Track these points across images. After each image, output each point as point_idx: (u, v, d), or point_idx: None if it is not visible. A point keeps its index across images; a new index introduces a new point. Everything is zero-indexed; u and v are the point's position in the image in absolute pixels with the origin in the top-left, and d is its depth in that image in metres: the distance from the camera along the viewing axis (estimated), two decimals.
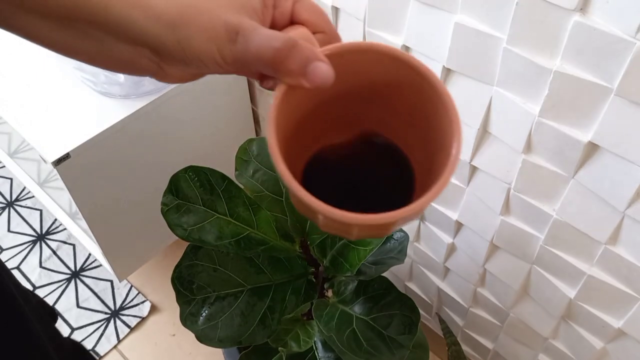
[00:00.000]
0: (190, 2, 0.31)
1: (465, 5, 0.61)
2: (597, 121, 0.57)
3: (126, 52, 0.32)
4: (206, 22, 0.31)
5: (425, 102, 0.32)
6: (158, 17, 0.31)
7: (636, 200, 0.60)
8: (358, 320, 0.68)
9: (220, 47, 0.31)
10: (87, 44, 0.32)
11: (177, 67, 0.33)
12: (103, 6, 0.30)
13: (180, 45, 0.31)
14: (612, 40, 0.51)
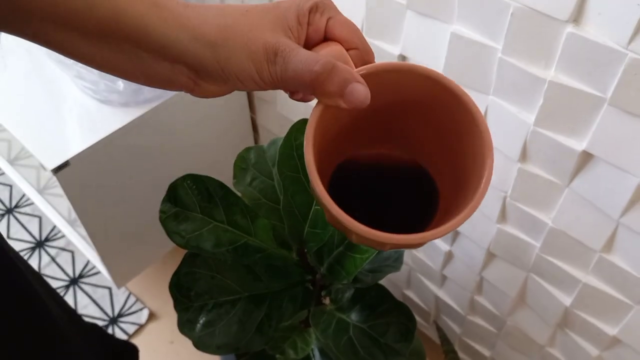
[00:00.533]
0: (229, 22, 0.32)
1: (461, 16, 0.62)
2: (591, 130, 0.58)
3: (164, 69, 0.33)
4: (245, 42, 0.32)
5: (458, 124, 0.33)
6: (198, 37, 0.31)
7: (630, 208, 0.60)
8: (355, 327, 0.68)
9: (259, 67, 0.32)
10: (125, 60, 0.33)
11: (213, 84, 0.34)
12: (144, 26, 0.31)
13: (219, 65, 0.32)
14: (605, 51, 0.52)
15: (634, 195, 0.59)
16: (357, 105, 0.31)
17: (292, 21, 0.33)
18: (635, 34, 0.49)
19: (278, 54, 0.32)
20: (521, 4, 0.55)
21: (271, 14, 0.33)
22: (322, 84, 0.31)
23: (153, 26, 0.31)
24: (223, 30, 0.32)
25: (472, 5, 0.60)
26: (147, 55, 0.32)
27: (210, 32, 0.32)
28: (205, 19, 0.32)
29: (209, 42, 0.31)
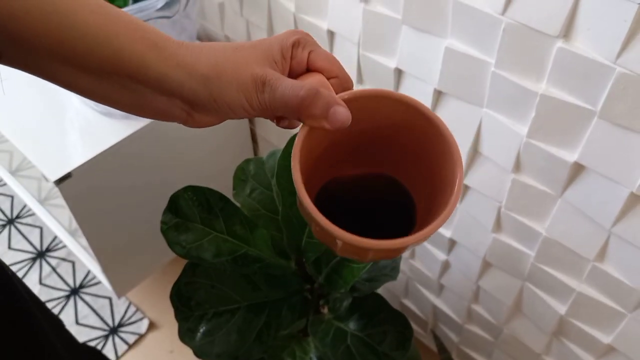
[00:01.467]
0: (220, 59, 0.35)
1: (455, 31, 0.64)
2: (582, 142, 0.59)
3: (161, 103, 0.36)
4: (235, 76, 0.35)
5: (431, 142, 0.36)
6: (192, 74, 0.34)
7: (621, 218, 0.61)
8: (352, 336, 0.69)
9: (248, 96, 0.35)
10: (124, 95, 0.35)
11: (206, 115, 0.37)
12: (143, 64, 0.34)
13: (212, 97, 0.35)
14: (594, 65, 0.53)
15: (625, 206, 0.60)
16: (339, 125, 0.34)
17: (277, 55, 0.36)
18: (623, 49, 0.51)
19: (266, 83, 0.35)
20: (513, 20, 0.57)
21: (258, 50, 0.36)
22: (308, 107, 0.34)
23: (152, 64, 0.34)
24: (215, 67, 0.35)
25: (465, 20, 0.61)
26: (145, 90, 0.35)
27: (204, 69, 0.35)
28: (198, 57, 0.35)
29: (203, 77, 0.34)
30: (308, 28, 0.84)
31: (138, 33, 0.34)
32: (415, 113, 0.36)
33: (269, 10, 0.90)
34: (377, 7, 0.71)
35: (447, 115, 0.73)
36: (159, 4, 0.75)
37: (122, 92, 0.35)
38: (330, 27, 0.80)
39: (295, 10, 0.84)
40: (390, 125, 0.37)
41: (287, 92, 0.34)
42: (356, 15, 0.74)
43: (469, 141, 0.72)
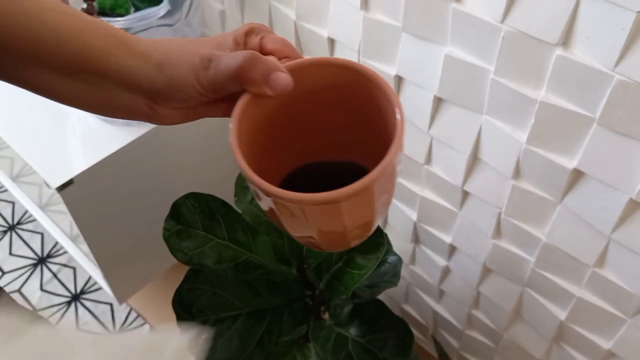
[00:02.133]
0: (173, 46, 0.37)
1: (455, 38, 0.64)
2: (582, 149, 0.60)
3: (126, 99, 0.37)
4: (186, 58, 0.36)
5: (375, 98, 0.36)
6: (148, 61, 0.36)
7: (620, 225, 0.62)
8: (354, 342, 0.70)
9: (197, 75, 0.36)
10: (91, 93, 0.37)
11: (166, 106, 0.38)
12: (107, 57, 0.36)
13: (165, 81, 0.36)
14: (593, 72, 0.54)
15: (624, 212, 0.60)
16: (280, 90, 0.35)
17: (230, 43, 0.38)
18: (622, 57, 0.51)
19: (211, 60, 0.36)
20: (512, 28, 0.57)
21: (213, 41, 0.38)
22: (248, 71, 0.35)
23: (114, 58, 0.36)
24: (168, 52, 0.37)
25: (465, 28, 0.62)
26: (109, 86, 0.37)
27: (158, 57, 0.37)
28: (154, 47, 0.37)
29: (157, 63, 0.36)
30: (309, 36, 0.85)
31: (100, 30, 0.36)
32: (357, 75, 0.36)
33: (269, 18, 0.90)
34: (377, 14, 0.71)
35: (447, 122, 0.73)
36: (161, 12, 0.76)
37: (88, 90, 0.37)
38: (331, 35, 0.81)
39: (296, 18, 0.84)
40: (337, 93, 0.37)
41: (229, 61, 0.35)
42: (356, 23, 0.74)
43: (469, 147, 0.72)
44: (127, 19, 0.75)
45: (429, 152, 0.79)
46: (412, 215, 0.91)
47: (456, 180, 0.78)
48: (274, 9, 0.88)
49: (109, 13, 0.89)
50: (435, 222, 0.88)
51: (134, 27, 0.76)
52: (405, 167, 0.85)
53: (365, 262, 0.64)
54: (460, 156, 0.74)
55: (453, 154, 0.75)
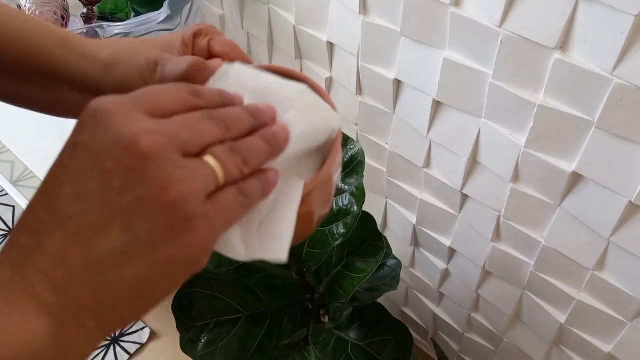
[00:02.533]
0: (121, 47, 0.37)
1: (453, 43, 0.64)
2: (580, 152, 0.60)
3: (75, 99, 0.38)
4: (133, 61, 0.36)
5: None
6: (96, 62, 0.36)
7: (620, 228, 0.62)
8: (353, 346, 0.70)
9: (144, 77, 0.36)
10: (42, 94, 0.38)
11: None
12: (53, 59, 0.36)
13: (114, 83, 0.36)
14: (591, 76, 0.54)
15: (624, 215, 0.61)
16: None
17: (178, 44, 0.38)
18: (620, 61, 0.51)
19: (158, 63, 0.36)
20: (510, 32, 0.57)
21: (161, 42, 0.38)
22: (192, 77, 0.34)
23: (61, 59, 0.36)
24: (115, 54, 0.36)
25: (463, 32, 0.62)
26: (60, 87, 0.37)
27: (106, 57, 0.36)
28: (101, 48, 0.37)
29: (104, 64, 0.36)
30: (308, 40, 0.85)
31: (46, 31, 0.37)
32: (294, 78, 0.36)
33: (269, 23, 0.91)
34: (376, 19, 0.71)
35: (446, 126, 0.73)
36: (161, 17, 0.76)
37: (39, 91, 0.38)
38: (330, 39, 0.81)
39: (295, 22, 0.84)
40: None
41: (175, 66, 0.35)
42: (355, 27, 0.74)
43: (468, 151, 0.72)
44: (127, 24, 0.75)
45: (428, 156, 0.80)
46: (412, 219, 0.91)
47: (455, 184, 0.78)
48: (274, 13, 0.88)
49: (109, 18, 0.89)
50: (435, 225, 0.88)
51: (134, 31, 0.77)
52: (405, 170, 0.85)
53: (364, 265, 0.65)
54: (460, 159, 0.74)
55: (452, 157, 0.75)
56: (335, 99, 0.89)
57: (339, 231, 0.62)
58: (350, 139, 0.67)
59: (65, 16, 0.87)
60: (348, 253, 0.69)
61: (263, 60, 0.99)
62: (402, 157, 0.84)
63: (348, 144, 0.67)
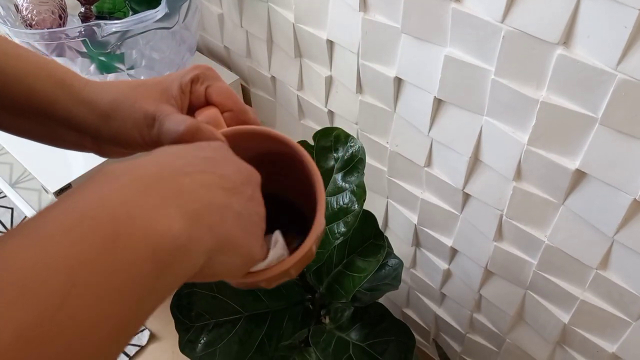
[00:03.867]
0: (119, 97, 0.38)
1: (454, 39, 0.64)
2: (584, 149, 0.59)
3: (73, 137, 0.39)
4: (130, 113, 0.37)
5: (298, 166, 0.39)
6: (94, 110, 0.37)
7: (624, 225, 0.61)
8: (354, 346, 0.69)
9: (141, 132, 0.37)
10: (40, 129, 0.39)
11: (115, 147, 0.39)
12: (51, 102, 0.37)
13: (111, 133, 0.38)
14: (595, 72, 0.53)
15: (628, 213, 0.60)
16: None
17: (175, 91, 0.39)
18: (624, 56, 0.51)
19: (156, 119, 0.37)
20: (512, 27, 0.57)
21: (158, 87, 0.38)
22: (188, 141, 0.35)
23: (59, 102, 0.37)
24: (113, 103, 0.37)
25: (464, 28, 0.61)
26: (56, 125, 0.38)
27: (103, 106, 0.37)
28: (100, 95, 0.38)
29: (102, 114, 0.37)
30: (308, 38, 0.84)
31: (44, 72, 0.37)
32: (284, 145, 0.39)
33: (268, 21, 0.90)
34: (376, 16, 0.71)
35: (447, 124, 0.72)
36: (158, 15, 0.76)
37: (37, 128, 0.39)
38: (330, 37, 0.80)
39: (294, 20, 0.84)
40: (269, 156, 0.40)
41: (171, 128, 0.36)
42: (355, 25, 0.74)
43: (469, 149, 0.71)
44: (124, 22, 0.75)
45: (430, 155, 0.79)
46: (413, 219, 0.90)
47: (457, 183, 0.77)
48: (273, 11, 0.87)
49: (107, 17, 0.89)
50: (436, 225, 0.87)
51: (132, 29, 0.76)
52: (406, 169, 0.85)
53: (365, 265, 0.64)
54: (461, 158, 0.73)
55: (454, 156, 0.74)
56: (335, 98, 0.89)
57: (340, 230, 0.61)
58: (350, 136, 0.67)
59: (62, 15, 0.87)
60: (349, 252, 0.68)
61: (262, 60, 0.98)
62: (403, 156, 0.83)
63: (348, 142, 0.66)
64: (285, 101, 1.01)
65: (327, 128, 0.68)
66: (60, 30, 0.77)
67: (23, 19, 0.85)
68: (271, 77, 1.00)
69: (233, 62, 1.09)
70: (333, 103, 0.90)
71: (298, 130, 1.02)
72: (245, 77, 1.08)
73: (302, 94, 0.95)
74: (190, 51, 0.94)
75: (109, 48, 0.80)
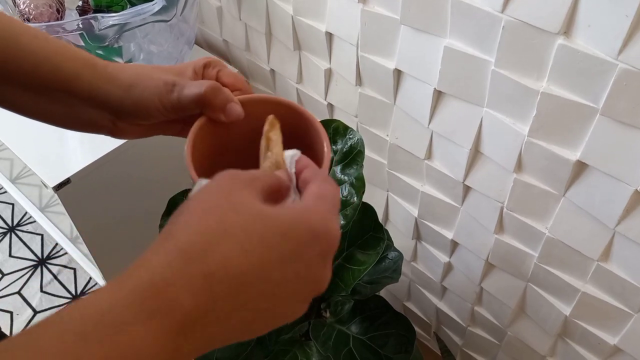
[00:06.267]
0: (140, 71, 0.41)
1: (454, 30, 0.63)
2: (585, 140, 0.59)
3: (91, 115, 0.41)
4: (151, 82, 0.41)
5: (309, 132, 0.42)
6: (117, 83, 0.41)
7: (625, 217, 0.61)
8: (355, 339, 0.69)
9: (161, 97, 0.41)
10: (59, 109, 0.41)
11: (128, 122, 0.42)
12: (77, 79, 0.40)
13: (132, 101, 0.41)
14: (596, 62, 0.53)
15: (629, 204, 0.59)
16: (233, 118, 0.41)
17: (189, 73, 0.43)
18: (625, 45, 0.50)
19: (175, 85, 0.41)
20: (512, 17, 0.56)
21: (174, 69, 0.43)
22: (210, 97, 0.40)
23: (84, 79, 0.40)
24: (135, 76, 0.41)
25: (464, 19, 0.61)
26: (78, 103, 0.41)
27: (126, 78, 0.41)
28: (122, 71, 0.41)
29: (125, 85, 0.41)
30: (307, 30, 0.84)
31: (70, 52, 0.40)
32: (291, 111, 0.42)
33: (267, 14, 0.89)
34: (376, 7, 0.70)
35: (447, 116, 0.72)
36: (156, 7, 0.75)
37: (57, 107, 0.41)
38: (329, 29, 0.80)
39: (293, 12, 0.83)
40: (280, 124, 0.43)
41: (193, 89, 0.40)
42: (354, 17, 0.73)
43: (470, 141, 0.71)
44: (122, 14, 0.74)
45: (430, 147, 0.78)
46: (413, 211, 0.90)
47: (457, 175, 0.77)
48: (271, 3, 0.87)
49: (105, 10, 0.88)
50: (437, 218, 0.87)
51: (129, 22, 0.75)
52: (406, 162, 0.84)
53: (365, 257, 0.63)
54: (461, 150, 0.73)
55: (454, 148, 0.74)
56: (335, 90, 0.88)
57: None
58: (349, 128, 0.66)
59: (60, 9, 0.86)
60: (348, 245, 0.68)
61: (261, 53, 0.98)
62: (403, 149, 0.83)
63: (347, 134, 0.66)
64: (285, 94, 1.00)
65: (326, 120, 0.67)
66: (57, 24, 0.77)
67: (21, 13, 0.84)
68: (270, 70, 0.99)
69: (232, 55, 1.08)
70: (332, 96, 0.90)
71: None
72: (244, 70, 1.07)
73: (301, 86, 0.95)
74: (188, 44, 0.94)
75: (106, 41, 0.79)
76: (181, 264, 0.26)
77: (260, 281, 0.27)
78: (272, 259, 0.27)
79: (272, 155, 0.38)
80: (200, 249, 0.26)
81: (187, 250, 0.26)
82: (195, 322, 0.26)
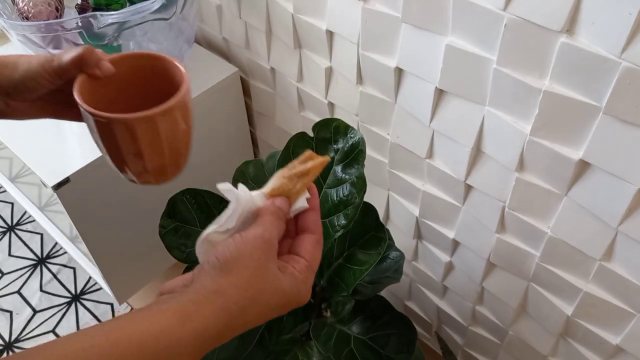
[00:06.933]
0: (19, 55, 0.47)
1: (456, 28, 0.63)
2: (587, 139, 0.58)
3: None
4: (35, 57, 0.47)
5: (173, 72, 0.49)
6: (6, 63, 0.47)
7: (628, 216, 0.60)
8: (356, 339, 0.68)
9: (44, 66, 0.47)
10: None
11: (21, 99, 0.48)
12: None
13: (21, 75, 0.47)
14: (599, 60, 0.52)
15: (632, 203, 0.59)
16: (106, 72, 0.48)
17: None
18: (629, 43, 0.50)
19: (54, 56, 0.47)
20: (514, 15, 0.56)
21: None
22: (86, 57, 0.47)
23: None
24: (19, 56, 0.47)
25: (466, 17, 0.61)
26: None
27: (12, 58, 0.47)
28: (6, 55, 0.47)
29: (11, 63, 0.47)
30: (307, 29, 0.83)
31: None
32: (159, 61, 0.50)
33: (267, 12, 0.89)
34: (376, 5, 0.70)
35: (449, 114, 0.72)
36: (155, 5, 0.75)
37: None
38: (329, 27, 0.79)
39: (293, 10, 0.83)
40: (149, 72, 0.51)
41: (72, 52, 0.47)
42: (355, 15, 0.73)
43: (471, 140, 0.71)
44: (121, 13, 0.74)
45: (431, 146, 0.78)
46: (414, 211, 0.89)
47: (459, 174, 0.76)
48: (271, 1, 0.86)
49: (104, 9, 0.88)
50: (438, 217, 0.87)
51: (129, 21, 0.75)
52: (407, 161, 0.84)
53: (366, 257, 0.63)
54: (463, 149, 0.73)
55: (455, 147, 0.74)
56: (335, 89, 0.88)
57: (340, 222, 0.60)
58: (350, 127, 0.66)
59: (59, 7, 0.86)
60: (349, 245, 0.67)
61: (262, 51, 0.97)
62: (404, 148, 0.82)
63: (348, 133, 0.65)
64: (285, 93, 1.00)
65: (326, 119, 0.67)
66: (56, 22, 0.76)
67: (19, 11, 0.84)
68: (270, 69, 0.99)
69: (232, 53, 1.08)
70: (333, 94, 0.89)
71: (298, 122, 1.01)
72: (244, 68, 1.07)
73: (301, 85, 0.95)
74: (188, 42, 0.94)
75: (106, 40, 0.79)
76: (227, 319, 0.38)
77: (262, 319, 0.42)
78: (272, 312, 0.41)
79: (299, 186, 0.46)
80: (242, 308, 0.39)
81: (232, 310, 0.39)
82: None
